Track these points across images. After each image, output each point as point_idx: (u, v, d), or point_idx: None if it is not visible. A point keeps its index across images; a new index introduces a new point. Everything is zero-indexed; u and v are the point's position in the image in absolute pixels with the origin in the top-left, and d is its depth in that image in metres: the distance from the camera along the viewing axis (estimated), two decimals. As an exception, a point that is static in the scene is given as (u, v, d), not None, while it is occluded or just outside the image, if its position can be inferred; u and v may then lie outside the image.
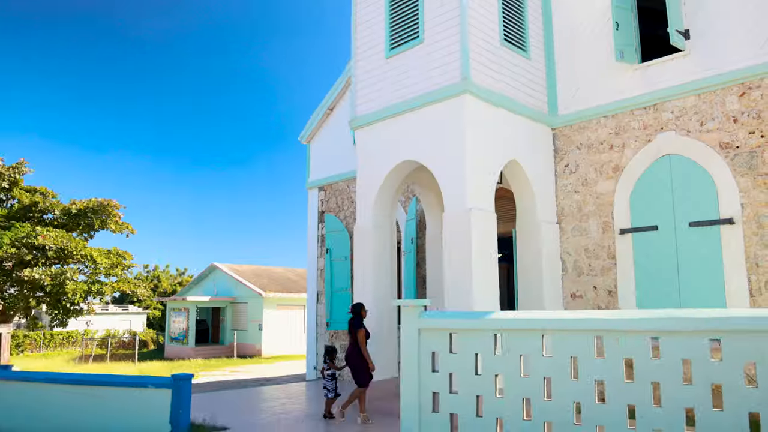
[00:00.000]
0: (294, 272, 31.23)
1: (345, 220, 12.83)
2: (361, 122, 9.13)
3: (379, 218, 8.90)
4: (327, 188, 13.48)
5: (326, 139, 13.61)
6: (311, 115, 13.95)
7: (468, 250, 7.38)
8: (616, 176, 8.44)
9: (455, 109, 7.79)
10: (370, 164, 8.94)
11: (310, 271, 13.54)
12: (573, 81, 9.05)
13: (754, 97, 7.30)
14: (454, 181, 7.68)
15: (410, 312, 5.65)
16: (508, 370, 5.13)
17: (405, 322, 5.66)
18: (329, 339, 12.77)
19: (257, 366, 21.73)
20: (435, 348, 5.52)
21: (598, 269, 8.50)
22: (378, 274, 8.76)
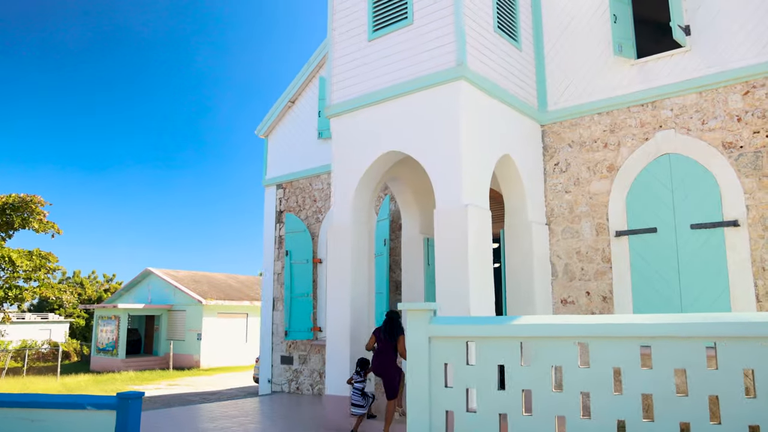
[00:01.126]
0: (235, 279, 29.70)
1: (307, 220, 11.89)
2: (338, 110, 8.29)
3: (358, 215, 8.06)
4: (287, 186, 12.49)
5: (287, 133, 12.65)
6: (270, 108, 12.96)
7: (464, 250, 6.68)
8: (611, 176, 8.00)
9: (449, 96, 7.10)
10: (348, 156, 8.10)
11: (266, 275, 12.48)
12: (564, 76, 8.58)
13: (758, 95, 7.01)
14: (448, 174, 6.97)
15: (418, 317, 4.86)
16: (538, 384, 4.43)
17: (412, 329, 4.86)
18: (287, 350, 11.75)
19: (197, 378, 20.22)
20: (448, 359, 4.75)
21: (591, 273, 8.00)
22: (356, 276, 7.91)
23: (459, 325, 4.75)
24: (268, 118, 12.93)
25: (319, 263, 11.45)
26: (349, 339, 7.65)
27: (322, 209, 11.68)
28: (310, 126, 12.17)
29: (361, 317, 7.88)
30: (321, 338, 11.12)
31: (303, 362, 11.41)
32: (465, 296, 6.57)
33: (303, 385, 11.30)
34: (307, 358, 11.35)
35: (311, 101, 12.26)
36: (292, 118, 12.62)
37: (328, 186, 11.62)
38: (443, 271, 6.83)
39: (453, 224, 6.81)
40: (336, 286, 7.93)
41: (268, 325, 12.24)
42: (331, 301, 7.93)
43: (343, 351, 7.66)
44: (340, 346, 7.71)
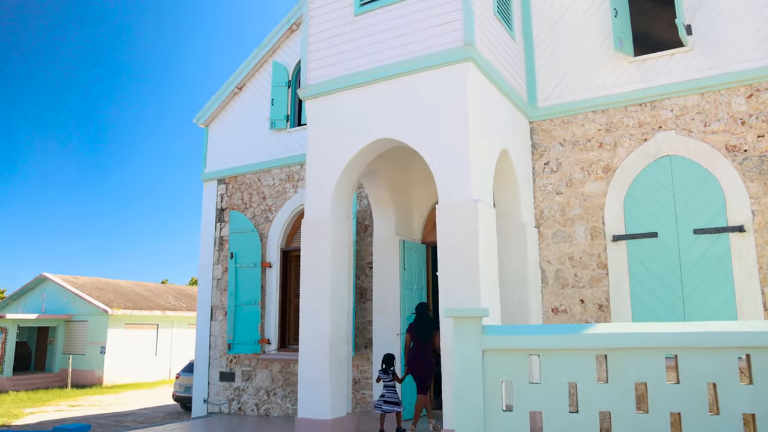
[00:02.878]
0: (143, 287, 27.18)
1: (254, 219, 10.65)
2: (316, 91, 7.29)
3: (338, 209, 7.08)
4: (230, 181, 11.18)
5: (232, 123, 11.36)
6: (213, 95, 11.61)
7: (473, 251, 5.90)
8: (608, 177, 7.58)
9: (455, 79, 6.34)
10: (328, 143, 7.11)
11: (203, 281, 11.05)
12: (555, 71, 8.11)
13: (763, 99, 6.85)
14: (453, 166, 6.19)
15: (467, 326, 4.00)
16: (618, 404, 3.71)
17: (461, 340, 3.99)
18: (227, 365, 10.39)
19: (102, 398, 17.96)
20: (507, 376, 3.92)
21: (585, 280, 7.51)
22: (336, 281, 6.90)
23: (520, 336, 3.94)
24: (209, 105, 11.57)
25: (268, 267, 10.25)
26: (328, 355, 6.61)
27: (273, 207, 10.51)
28: (261, 115, 10.97)
29: (341, 329, 6.87)
30: (269, 352, 9.91)
31: (247, 379, 10.12)
32: (475, 302, 5.78)
33: (246, 405, 10.01)
34: (252, 374, 10.08)
35: (262, 88, 11.08)
36: (239, 106, 11.35)
37: (281, 182, 10.49)
38: (449, 276, 6.01)
39: (460, 222, 6.02)
40: (312, 292, 6.87)
41: (204, 337, 10.81)
42: (306, 311, 6.86)
43: (321, 369, 6.60)
44: (317, 364, 6.64)
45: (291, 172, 10.42)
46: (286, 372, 9.71)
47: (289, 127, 10.60)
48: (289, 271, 10.33)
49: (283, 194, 10.45)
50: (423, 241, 9.13)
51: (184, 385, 14.51)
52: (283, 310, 10.11)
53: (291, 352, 9.81)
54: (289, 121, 10.61)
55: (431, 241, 9.16)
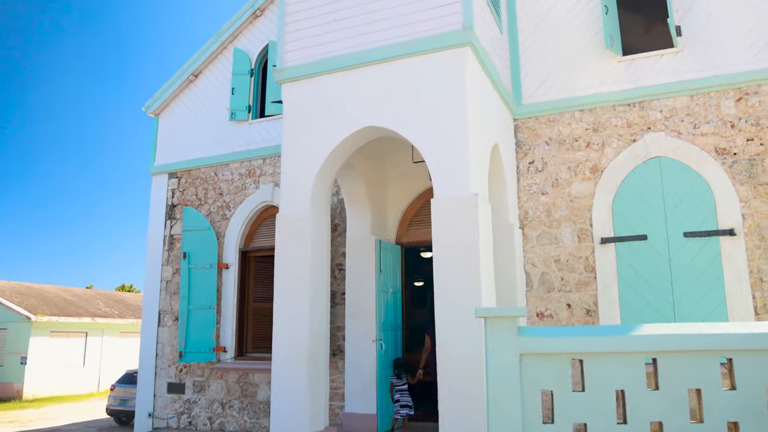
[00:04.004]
0: (70, 292, 25.21)
1: (210, 216, 9.83)
2: (295, 74, 6.68)
3: (317, 203, 6.47)
4: (183, 175, 10.30)
5: (186, 112, 10.49)
6: (166, 82, 10.70)
7: (474, 250, 5.46)
8: (595, 178, 7.35)
9: (453, 65, 5.91)
10: (308, 130, 6.51)
11: (150, 283, 10.09)
12: (541, 67, 7.86)
13: (751, 103, 6.81)
14: (451, 158, 5.73)
15: (502, 327, 3.52)
16: (671, 414, 3.34)
17: (494, 343, 3.50)
18: (176, 375, 9.48)
19: (22, 413, 16.27)
20: (547, 384, 3.47)
21: (572, 284, 7.23)
22: (316, 283, 6.28)
23: (562, 338, 3.49)
24: (161, 93, 10.65)
25: (225, 269, 9.44)
26: (306, 363, 5.97)
27: (231, 204, 9.72)
28: (219, 105, 10.18)
29: (320, 335, 6.25)
30: (225, 360, 9.10)
31: (199, 390, 9.25)
32: (476, 305, 5.33)
33: (198, 419, 9.14)
34: (206, 385, 9.22)
35: (221, 76, 10.30)
36: (195, 94, 10.51)
37: (240, 177, 9.73)
38: (446, 277, 5.52)
39: (459, 218, 5.56)
40: (288, 294, 6.21)
41: (150, 345, 9.83)
42: (281, 315, 6.19)
43: (298, 379, 5.94)
44: (293, 374, 5.98)
45: (252, 167, 9.69)
46: (244, 382, 8.93)
47: (251, 118, 9.87)
48: (247, 273, 9.56)
49: (243, 190, 9.69)
50: (397, 241, 8.64)
51: (120, 398, 13.34)
52: (241, 315, 9.32)
53: (250, 360, 9.04)
54: (250, 112, 9.88)
55: (406, 242, 8.68)
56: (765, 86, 6.79)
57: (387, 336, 7.89)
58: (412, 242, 8.63)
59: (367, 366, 7.66)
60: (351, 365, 7.77)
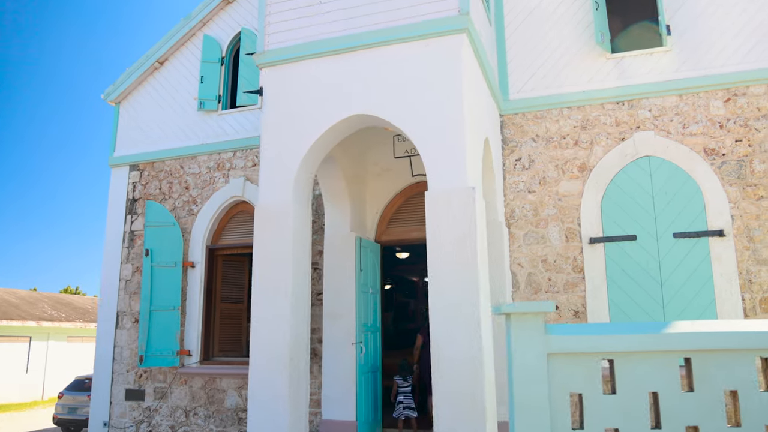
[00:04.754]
0: (14, 294, 23.71)
1: (175, 211, 9.23)
2: (278, 58, 6.26)
3: (300, 195, 6.05)
4: (146, 167, 9.66)
5: (150, 101, 9.87)
6: (128, 68, 10.05)
7: (472, 244, 5.16)
8: (583, 176, 7.19)
9: (449, 52, 5.61)
10: (292, 117, 6.09)
11: (108, 282, 9.39)
12: (529, 63, 7.67)
13: (740, 104, 6.78)
14: (447, 148, 5.42)
15: (527, 324, 3.21)
16: (707, 418, 3.09)
17: (519, 342, 3.19)
18: (135, 381, 8.82)
19: (-43, 424, 15.04)
20: (576, 386, 3.17)
21: (560, 285, 7.03)
22: (297, 276, 5.85)
23: (592, 336, 3.20)
24: (123, 80, 9.99)
25: (190, 267, 8.87)
26: (287, 368, 5.52)
27: (198, 199, 9.16)
28: (187, 94, 9.61)
29: (302, 337, 5.81)
30: (190, 365, 8.52)
31: (161, 397, 8.62)
32: (474, 306, 5.02)
33: (159, 428, 8.51)
34: (168, 391, 8.60)
35: (189, 64, 9.73)
36: (160, 82, 9.90)
37: (209, 170, 9.18)
38: (441, 274, 5.20)
39: (455, 212, 5.25)
40: (267, 293, 5.75)
41: (107, 349, 9.14)
42: (260, 316, 5.72)
43: (279, 385, 5.49)
44: (273, 379, 5.52)
45: (221, 160, 9.16)
46: (211, 388, 8.37)
47: (221, 108, 9.35)
48: (215, 272, 9.01)
49: (211, 184, 9.14)
50: (377, 240, 8.28)
51: (69, 406, 12.47)
52: (207, 316, 8.76)
53: (216, 365, 8.49)
54: (221, 103, 9.36)
55: (386, 241, 8.33)
56: (753, 87, 6.78)
57: (366, 339, 7.52)
58: (392, 241, 8.29)
59: (346, 370, 7.25)
60: (328, 370, 7.35)
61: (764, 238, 6.43)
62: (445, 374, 4.97)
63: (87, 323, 22.86)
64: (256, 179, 8.79)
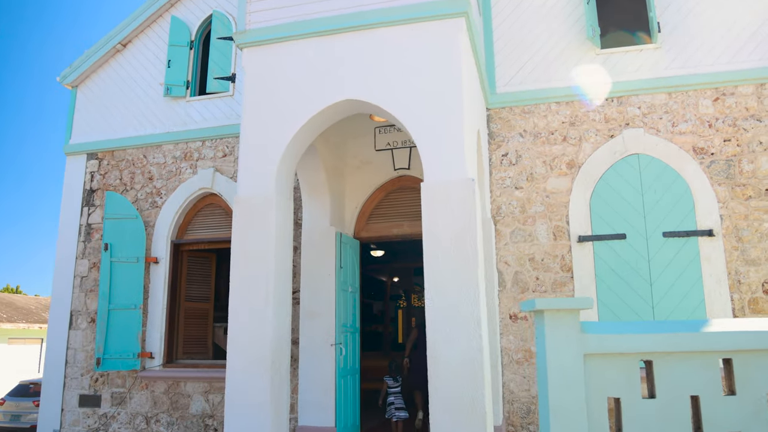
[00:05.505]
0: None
1: (137, 203, 8.62)
2: (260, 38, 5.82)
3: (283, 186, 5.64)
4: (106, 156, 9.00)
5: (111, 86, 9.21)
6: (87, 50, 9.36)
7: (472, 238, 4.87)
8: (572, 173, 7.03)
9: (447, 36, 5.31)
10: (275, 101, 5.67)
11: (61, 279, 8.68)
12: (517, 56, 7.47)
13: (728, 103, 6.75)
14: (445, 137, 5.12)
15: (562, 322, 2.93)
16: (751, 423, 2.88)
17: (555, 341, 2.90)
18: (91, 385, 8.16)
19: None
20: (613, 389, 2.90)
21: (548, 284, 6.84)
22: (280, 272, 5.43)
23: (630, 335, 2.94)
24: (81, 62, 9.29)
25: (154, 263, 8.27)
26: (269, 370, 5.08)
27: (163, 191, 8.57)
28: (152, 79, 9.01)
29: (284, 337, 5.39)
30: (152, 368, 7.93)
31: (119, 403, 8.00)
32: (474, 304, 4.73)
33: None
34: (127, 397, 7.99)
35: (155, 47, 9.13)
36: (122, 66, 9.25)
37: (175, 160, 8.61)
38: (438, 270, 4.88)
39: (454, 205, 4.94)
40: (247, 291, 5.29)
41: (59, 351, 8.43)
42: (239, 314, 5.26)
43: (260, 389, 5.04)
44: (254, 383, 5.08)
45: (189, 150, 8.60)
46: (175, 393, 7.81)
47: (189, 95, 8.79)
48: (180, 269, 8.45)
49: (177, 175, 8.58)
50: (355, 236, 7.91)
51: (12, 413, 11.61)
52: (171, 316, 8.19)
53: (181, 367, 7.93)
54: (189, 89, 8.80)
55: (365, 237, 7.97)
56: (741, 87, 6.76)
57: (346, 339, 7.13)
58: (372, 237, 7.93)
59: (325, 373, 6.85)
60: (306, 372, 6.93)
61: (752, 238, 6.40)
62: (442, 377, 4.66)
63: (30, 324, 21.55)
64: (227, 170, 8.29)
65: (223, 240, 8.24)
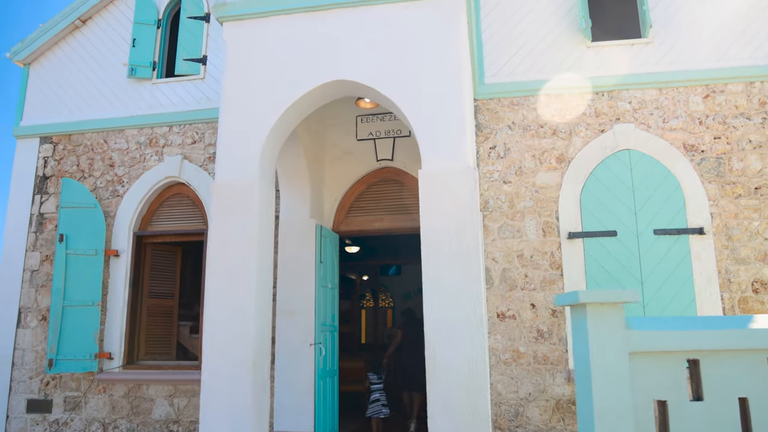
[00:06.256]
0: None
1: (97, 192, 7.98)
2: (243, 11, 5.38)
3: (266, 170, 5.22)
4: (61, 140, 8.32)
5: (68, 64, 8.54)
6: (42, 24, 8.65)
7: (473, 231, 4.58)
8: (562, 168, 6.83)
9: (447, 15, 5.02)
10: (260, 80, 5.24)
11: (8, 273, 7.95)
12: (506, 46, 7.22)
13: (718, 101, 6.68)
14: (445, 122, 4.81)
15: (605, 316, 2.64)
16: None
17: (598, 338, 2.61)
18: (41, 389, 7.49)
19: None
20: (661, 392, 2.63)
21: (537, 281, 6.61)
22: (263, 265, 5.01)
23: (679, 332, 2.67)
24: (35, 38, 8.58)
25: (114, 256, 7.67)
26: (251, 373, 4.66)
27: (125, 179, 7.97)
28: (114, 59, 8.38)
29: (266, 337, 4.97)
30: (110, 370, 7.33)
31: (73, 408, 7.36)
32: (476, 300, 4.43)
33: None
34: (82, 401, 7.36)
35: (118, 25, 8.51)
36: (81, 43, 8.58)
37: (139, 146, 8.03)
38: (436, 266, 4.56)
39: (454, 194, 4.64)
40: (228, 286, 4.85)
41: (4, 352, 7.69)
42: (217, 313, 4.82)
43: (241, 394, 4.62)
44: (234, 387, 4.64)
45: (154, 135, 8.03)
46: (135, 397, 7.23)
47: (156, 77, 8.22)
48: (143, 263, 7.87)
49: (142, 162, 7.99)
50: (334, 229, 7.51)
51: (-52, 420, 10.61)
52: (132, 314, 7.60)
53: (143, 369, 7.37)
54: (155, 70, 8.22)
55: (344, 231, 7.60)
56: (731, 85, 6.70)
57: (325, 339, 6.73)
58: (351, 231, 7.56)
59: (303, 375, 6.44)
60: (282, 374, 6.50)
61: (742, 237, 6.33)
62: (441, 379, 4.34)
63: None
64: (196, 158, 7.76)
65: (191, 232, 7.72)
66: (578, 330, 2.67)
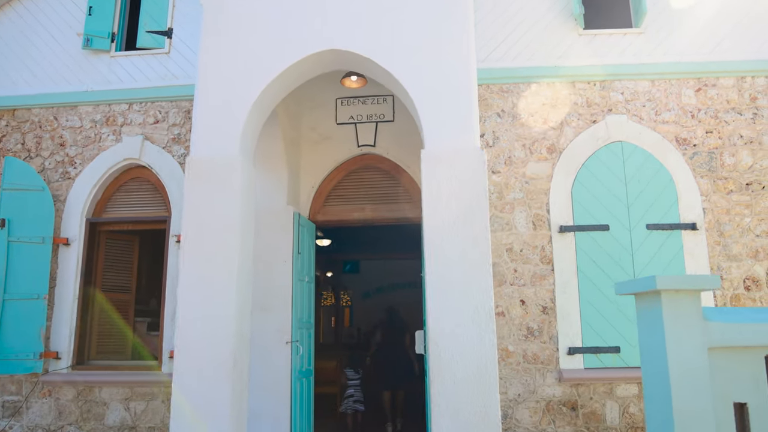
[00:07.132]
0: None
1: (45, 173, 7.20)
2: (223, -29, 4.83)
3: (248, 147, 4.69)
4: (4, 116, 7.49)
5: (14, 32, 7.70)
6: (-18, -16, 7.77)
7: (481, 217, 4.20)
8: (553, 159, 6.56)
9: (452, -15, 4.61)
10: (242, 49, 4.71)
11: (-62, 261, 7.05)
12: (496, 31, 6.91)
13: (710, 95, 6.56)
14: (450, 100, 4.41)
15: (683, 306, 2.28)
16: None
17: (675, 330, 2.26)
18: (-25, 392, 6.66)
19: None
20: (741, 391, 2.30)
21: (527, 277, 6.31)
22: (245, 252, 4.48)
23: (758, 324, 2.35)
24: (-26, 0, 7.69)
25: (64, 245, 6.92)
26: (231, 374, 4.13)
27: (77, 160, 7.22)
28: (67, 27, 7.60)
29: (245, 336, 4.44)
30: (58, 370, 6.59)
31: (12, 414, 6.57)
32: (485, 293, 4.05)
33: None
34: (23, 406, 6.58)
35: (72, -10, 7.72)
36: (28, 8, 7.75)
37: (94, 125, 7.29)
38: (441, 255, 4.16)
39: (464, 176, 4.25)
40: (205, 277, 4.30)
41: (-67, 349, 6.82)
42: (193, 308, 4.25)
43: (219, 398, 4.07)
44: (211, 390, 4.09)
45: (112, 113, 7.31)
46: (86, 401, 6.52)
47: (115, 50, 7.49)
48: (96, 253, 7.14)
49: (97, 142, 7.26)
50: (311, 219, 7.01)
51: None
52: (84, 309, 6.87)
53: (95, 370, 6.67)
54: (114, 42, 7.50)
55: (321, 221, 7.10)
56: (723, 79, 6.59)
57: (302, 337, 6.22)
58: (329, 221, 7.06)
59: (279, 376, 5.92)
60: (256, 375, 5.94)
61: (734, 233, 6.21)
62: (446, 379, 3.93)
63: None
64: (159, 139, 7.11)
65: (151, 220, 7.06)
66: (649, 321, 2.31)
